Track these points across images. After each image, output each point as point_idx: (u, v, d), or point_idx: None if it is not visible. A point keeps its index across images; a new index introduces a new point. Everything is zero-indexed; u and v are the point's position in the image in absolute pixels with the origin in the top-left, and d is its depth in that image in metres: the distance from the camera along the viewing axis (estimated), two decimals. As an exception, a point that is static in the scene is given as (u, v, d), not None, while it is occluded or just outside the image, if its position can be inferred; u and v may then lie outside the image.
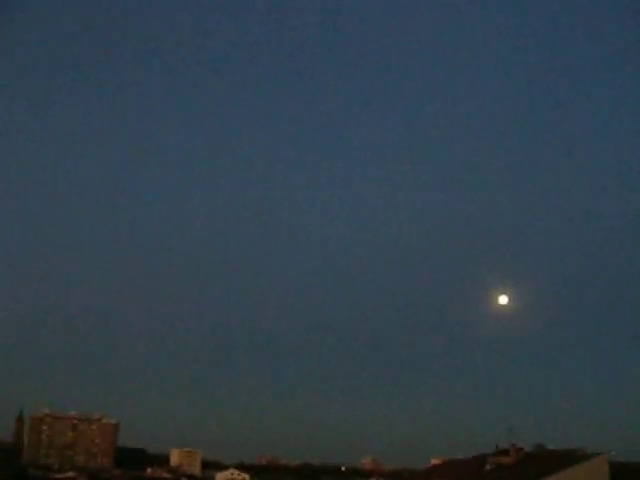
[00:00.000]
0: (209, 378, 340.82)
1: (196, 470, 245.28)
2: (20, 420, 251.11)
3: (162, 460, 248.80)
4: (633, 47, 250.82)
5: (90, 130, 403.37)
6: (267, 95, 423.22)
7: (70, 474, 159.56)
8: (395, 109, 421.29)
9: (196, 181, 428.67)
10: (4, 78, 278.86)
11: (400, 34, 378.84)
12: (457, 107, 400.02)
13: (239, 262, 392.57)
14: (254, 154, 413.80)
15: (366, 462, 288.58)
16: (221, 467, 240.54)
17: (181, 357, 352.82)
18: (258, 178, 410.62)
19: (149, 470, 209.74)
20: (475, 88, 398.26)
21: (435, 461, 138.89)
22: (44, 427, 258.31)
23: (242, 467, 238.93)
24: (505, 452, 65.48)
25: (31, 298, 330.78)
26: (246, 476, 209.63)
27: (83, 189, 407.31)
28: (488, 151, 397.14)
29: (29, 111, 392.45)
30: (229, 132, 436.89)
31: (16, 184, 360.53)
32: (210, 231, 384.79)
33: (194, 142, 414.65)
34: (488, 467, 64.66)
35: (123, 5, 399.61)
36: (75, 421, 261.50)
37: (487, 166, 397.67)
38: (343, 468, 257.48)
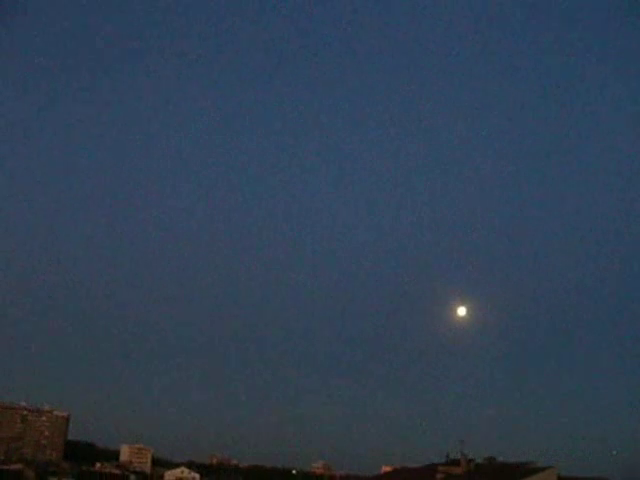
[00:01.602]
0: (163, 376, 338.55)
1: (146, 467, 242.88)
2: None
3: (112, 456, 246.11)
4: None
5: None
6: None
7: (17, 466, 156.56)
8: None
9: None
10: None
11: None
12: (419, 123, 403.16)
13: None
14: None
15: (317, 467, 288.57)
16: (171, 465, 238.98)
17: (135, 354, 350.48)
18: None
19: (98, 465, 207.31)
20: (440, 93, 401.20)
21: (386, 469, 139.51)
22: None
23: (192, 466, 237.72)
24: (456, 463, 66.13)
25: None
26: (196, 475, 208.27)
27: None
28: (449, 166, 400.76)
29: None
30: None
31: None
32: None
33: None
34: (438, 477, 65.21)
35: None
36: (25, 412, 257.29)
37: (449, 179, 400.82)
38: (294, 471, 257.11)
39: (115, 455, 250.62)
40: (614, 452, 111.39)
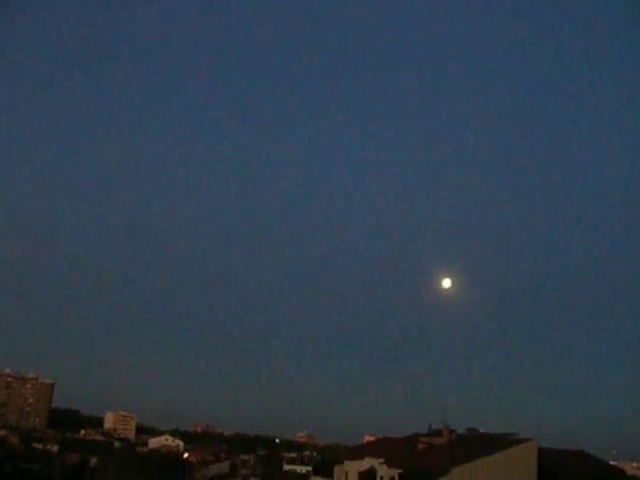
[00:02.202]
0: (148, 344, 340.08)
1: (130, 434, 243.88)
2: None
3: (96, 423, 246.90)
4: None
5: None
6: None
7: (1, 432, 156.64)
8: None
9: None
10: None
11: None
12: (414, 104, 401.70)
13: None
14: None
15: (300, 436, 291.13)
16: (156, 433, 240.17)
17: (122, 321, 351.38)
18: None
19: (82, 432, 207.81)
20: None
21: (369, 438, 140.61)
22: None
23: (177, 433, 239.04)
24: (438, 433, 66.69)
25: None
26: (180, 442, 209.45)
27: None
28: (438, 141, 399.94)
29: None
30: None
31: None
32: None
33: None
34: (420, 447, 65.76)
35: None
36: (9, 379, 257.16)
37: (435, 155, 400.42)
38: (277, 440, 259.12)
39: (99, 422, 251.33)
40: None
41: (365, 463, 62.64)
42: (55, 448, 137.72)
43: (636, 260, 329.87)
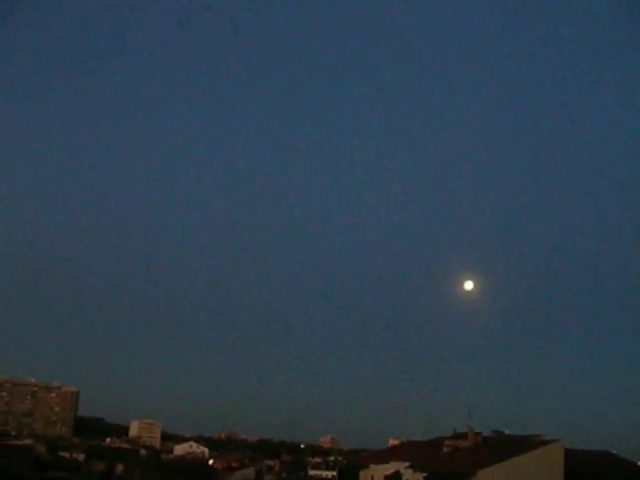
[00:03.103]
0: (172, 351, 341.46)
1: (155, 442, 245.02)
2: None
3: (121, 431, 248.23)
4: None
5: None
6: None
7: (28, 441, 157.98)
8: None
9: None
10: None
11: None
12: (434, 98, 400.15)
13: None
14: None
15: (325, 441, 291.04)
16: (180, 440, 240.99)
17: (145, 330, 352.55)
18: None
19: (108, 440, 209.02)
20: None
21: (393, 442, 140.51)
22: (3, 393, 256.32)
23: (201, 440, 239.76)
24: (463, 436, 66.48)
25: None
26: (205, 449, 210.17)
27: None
28: (456, 140, 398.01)
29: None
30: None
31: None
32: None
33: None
34: (445, 450, 65.61)
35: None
36: (35, 388, 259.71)
37: (454, 154, 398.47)
38: (302, 445, 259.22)
39: (125, 430, 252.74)
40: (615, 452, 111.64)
41: (390, 467, 62.75)
42: (81, 456, 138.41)
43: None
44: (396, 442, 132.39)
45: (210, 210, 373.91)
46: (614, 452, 63.46)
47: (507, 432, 70.96)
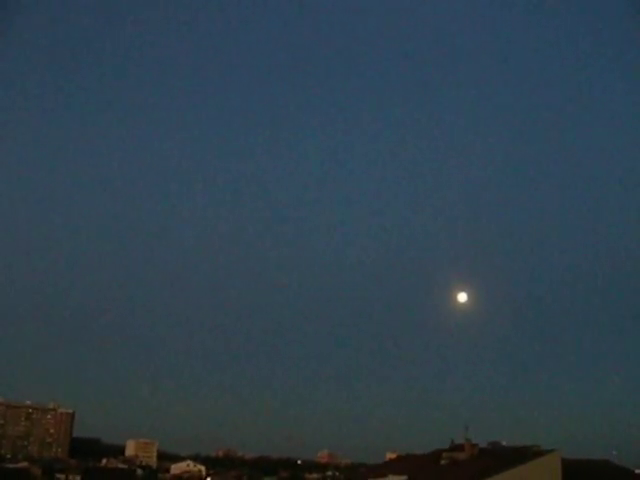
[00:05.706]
0: (167, 370, 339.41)
1: (152, 461, 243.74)
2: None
3: (117, 451, 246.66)
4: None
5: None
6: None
7: (23, 464, 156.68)
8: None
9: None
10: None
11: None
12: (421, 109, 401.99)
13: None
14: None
15: (322, 456, 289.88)
16: (177, 459, 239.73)
17: (140, 349, 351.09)
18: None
19: (104, 460, 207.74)
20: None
21: (390, 456, 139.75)
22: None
23: (198, 459, 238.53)
24: (460, 448, 66.11)
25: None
26: (202, 467, 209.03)
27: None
28: (450, 149, 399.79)
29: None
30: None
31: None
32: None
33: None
34: (443, 462, 65.25)
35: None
36: (30, 410, 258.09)
37: (448, 166, 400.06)
38: (299, 461, 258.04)
39: (121, 450, 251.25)
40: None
41: (388, 481, 62.25)
42: (78, 478, 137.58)
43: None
44: (393, 456, 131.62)
45: (209, 214, 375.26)
46: (613, 461, 63.24)
47: (504, 443, 70.71)
